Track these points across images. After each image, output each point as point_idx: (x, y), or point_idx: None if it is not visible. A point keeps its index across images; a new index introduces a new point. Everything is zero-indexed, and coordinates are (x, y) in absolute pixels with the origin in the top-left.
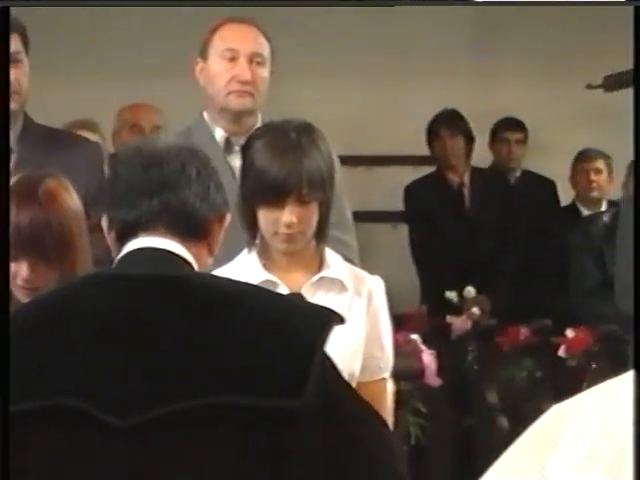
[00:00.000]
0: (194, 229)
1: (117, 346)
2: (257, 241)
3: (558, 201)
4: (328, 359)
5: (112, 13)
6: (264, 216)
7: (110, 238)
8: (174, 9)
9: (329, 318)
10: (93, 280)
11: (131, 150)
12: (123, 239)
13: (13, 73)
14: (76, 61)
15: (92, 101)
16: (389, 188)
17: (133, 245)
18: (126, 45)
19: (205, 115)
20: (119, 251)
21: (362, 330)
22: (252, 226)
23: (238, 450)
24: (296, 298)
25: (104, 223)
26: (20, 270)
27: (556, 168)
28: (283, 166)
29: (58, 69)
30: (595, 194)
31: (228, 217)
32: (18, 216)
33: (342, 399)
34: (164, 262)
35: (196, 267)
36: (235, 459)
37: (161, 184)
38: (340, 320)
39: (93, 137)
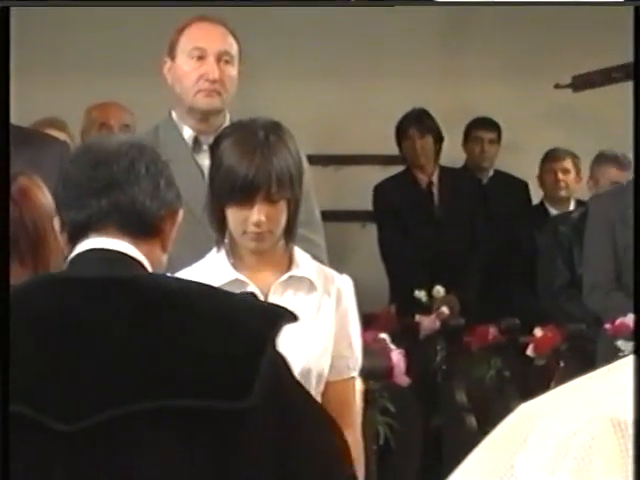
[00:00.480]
0: (145, 227)
1: (64, 350)
2: (226, 240)
3: (530, 201)
4: (281, 358)
5: (81, 11)
6: (233, 215)
7: (62, 239)
8: (142, 7)
9: (279, 316)
10: (43, 282)
11: (81, 149)
12: (74, 240)
13: None
14: (45, 59)
15: (60, 100)
16: (358, 187)
17: (84, 246)
18: (94, 44)
19: (173, 114)
20: (71, 252)
21: (331, 329)
22: (221, 225)
23: (186, 453)
24: (248, 297)
25: (56, 224)
26: None
27: (525, 168)
28: (251, 165)
29: (26, 67)
30: (563, 193)
31: (181, 213)
32: None
33: (294, 399)
34: (114, 263)
35: (148, 266)
36: (183, 462)
37: (109, 183)
38: (293, 318)
39: (61, 136)
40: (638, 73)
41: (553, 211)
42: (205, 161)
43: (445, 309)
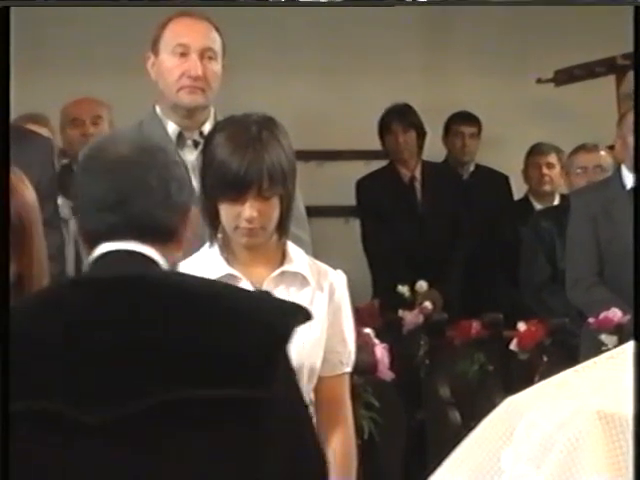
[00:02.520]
0: (159, 235)
1: (92, 347)
2: (219, 235)
3: (511, 195)
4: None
5: (65, 7)
6: (225, 210)
7: (80, 240)
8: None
9: (297, 313)
10: (67, 284)
11: (91, 154)
12: (92, 243)
13: None
14: (27, 55)
15: (43, 96)
16: (341, 183)
17: (103, 248)
18: (78, 40)
19: (157, 109)
20: (88, 252)
21: (324, 324)
22: (213, 220)
23: (212, 441)
24: (266, 294)
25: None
26: None
27: (507, 162)
28: (244, 160)
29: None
30: (547, 188)
31: (194, 209)
32: None
33: (298, 393)
34: (135, 264)
35: (165, 265)
36: (209, 450)
37: (123, 199)
38: (308, 316)
39: (43, 131)
40: (638, 73)
41: (538, 206)
42: (189, 156)
43: (428, 304)
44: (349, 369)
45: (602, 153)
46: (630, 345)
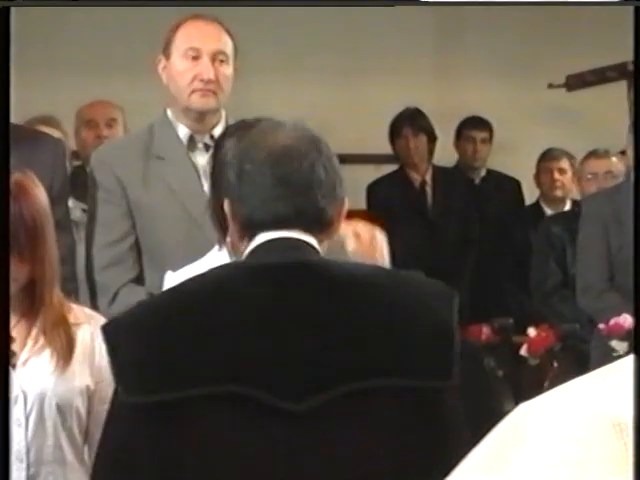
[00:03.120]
0: (323, 226)
1: (272, 333)
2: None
3: (523, 200)
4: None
5: (78, 9)
6: None
7: (235, 226)
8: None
9: (454, 296)
10: (233, 269)
11: (259, 147)
12: (252, 231)
13: None
14: (40, 57)
15: (55, 98)
16: (351, 186)
17: (266, 237)
18: (91, 42)
19: (169, 112)
20: (246, 242)
21: None
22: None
23: (396, 429)
24: (419, 275)
25: (228, 210)
26: None
27: (519, 167)
28: None
29: (24, 66)
30: (559, 193)
31: (346, 202)
32: None
33: (476, 373)
34: (299, 250)
35: (321, 253)
36: (394, 439)
37: (295, 190)
38: (455, 295)
39: (55, 133)
40: (638, 73)
41: (548, 211)
42: (200, 160)
43: None
44: None
45: (613, 159)
46: None
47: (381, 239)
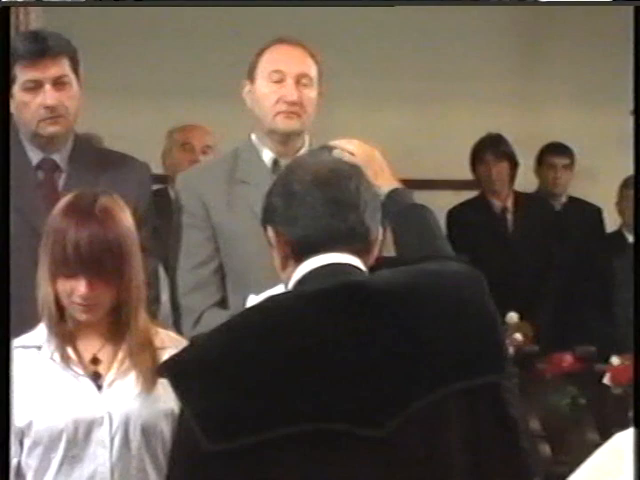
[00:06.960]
0: (367, 247)
1: (342, 364)
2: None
3: (604, 228)
4: None
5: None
6: None
7: (280, 252)
8: (229, 32)
9: (482, 279)
10: (298, 298)
11: (304, 169)
12: (300, 254)
13: (57, 97)
14: (127, 81)
15: (137, 122)
16: None
17: (316, 262)
18: (178, 67)
19: (253, 137)
20: (289, 265)
21: None
22: None
23: (471, 430)
24: (451, 265)
25: (272, 237)
26: (78, 287)
27: (600, 194)
28: None
29: (110, 90)
30: None
31: (382, 228)
32: (77, 233)
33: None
34: (351, 275)
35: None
36: (471, 440)
37: (346, 208)
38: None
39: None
40: (638, 73)
41: (631, 239)
42: None
43: (519, 336)
44: None
45: None
46: None
47: (379, 157)
